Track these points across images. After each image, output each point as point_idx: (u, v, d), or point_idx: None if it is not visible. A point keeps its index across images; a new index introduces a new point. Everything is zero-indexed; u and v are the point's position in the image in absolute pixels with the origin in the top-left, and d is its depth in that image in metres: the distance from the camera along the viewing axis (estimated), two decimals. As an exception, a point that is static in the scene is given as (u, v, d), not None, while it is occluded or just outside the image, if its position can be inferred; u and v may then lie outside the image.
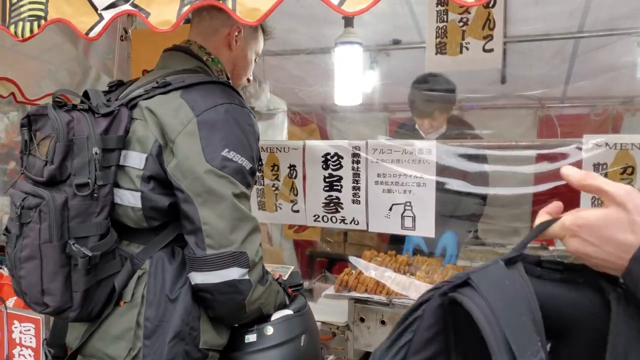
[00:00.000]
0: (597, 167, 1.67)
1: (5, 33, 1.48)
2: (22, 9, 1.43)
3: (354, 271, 2.17)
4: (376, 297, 2.01)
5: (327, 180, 2.06)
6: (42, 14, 1.41)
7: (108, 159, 1.23)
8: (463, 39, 1.80)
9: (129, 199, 1.26)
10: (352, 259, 2.17)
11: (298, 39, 3.22)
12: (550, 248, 2.55)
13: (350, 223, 2.07)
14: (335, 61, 2.08)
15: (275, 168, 2.15)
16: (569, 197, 1.81)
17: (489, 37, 1.77)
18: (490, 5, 1.75)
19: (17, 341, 2.55)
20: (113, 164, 1.25)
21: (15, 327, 2.57)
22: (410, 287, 2.01)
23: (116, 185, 1.27)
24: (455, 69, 1.91)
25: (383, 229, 2.03)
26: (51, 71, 2.23)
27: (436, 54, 1.85)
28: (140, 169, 1.25)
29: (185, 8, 1.22)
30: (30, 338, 2.53)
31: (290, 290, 1.49)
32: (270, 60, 3.41)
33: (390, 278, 2.07)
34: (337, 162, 2.03)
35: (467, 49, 1.80)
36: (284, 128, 3.49)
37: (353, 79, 2.09)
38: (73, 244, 1.19)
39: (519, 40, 2.78)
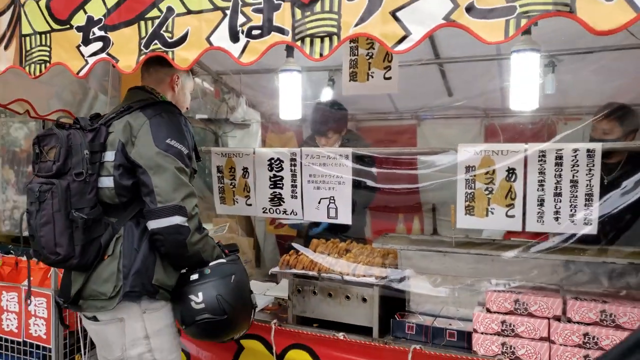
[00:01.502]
0: (468, 169, 2.15)
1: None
2: (34, 55, 1.98)
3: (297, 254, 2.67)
4: (310, 273, 2.50)
5: (271, 179, 2.58)
6: (47, 58, 1.96)
7: (94, 158, 1.85)
8: (369, 69, 2.28)
9: (106, 182, 1.88)
10: (296, 245, 2.67)
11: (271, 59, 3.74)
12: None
13: (290, 214, 2.58)
14: (279, 85, 2.58)
15: (232, 170, 2.67)
16: (450, 190, 2.29)
17: (388, 68, 2.25)
18: (389, 43, 2.24)
19: (32, 312, 3.09)
20: (97, 161, 1.86)
21: (31, 301, 3.10)
22: (336, 264, 2.50)
23: (99, 175, 1.88)
24: (364, 93, 2.41)
25: (314, 218, 2.54)
26: (57, 92, 2.79)
27: (349, 80, 2.34)
28: (112, 161, 1.87)
29: (142, 57, 1.76)
30: (43, 310, 3.07)
31: (227, 252, 2.07)
32: (246, 78, 3.93)
33: (323, 258, 2.57)
34: (279, 165, 2.55)
35: (372, 77, 2.28)
36: (258, 136, 4.02)
37: (294, 98, 2.59)
38: (74, 212, 1.80)
39: (447, 61, 3.27)
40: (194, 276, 1.89)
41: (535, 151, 2.04)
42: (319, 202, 2.48)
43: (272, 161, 2.55)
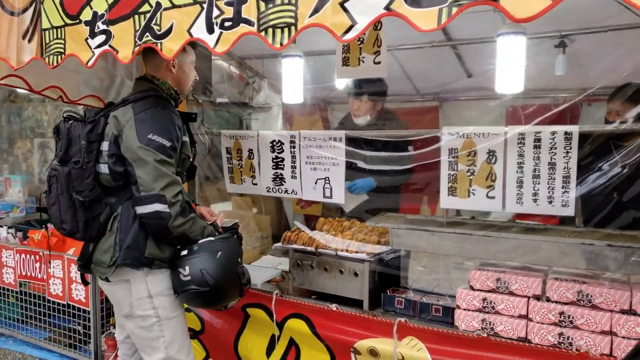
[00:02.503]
0: (451, 151, 2.20)
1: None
2: (52, 47, 2.23)
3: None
4: (308, 248, 2.65)
5: (274, 161, 2.73)
6: (62, 50, 2.21)
7: (91, 147, 2.09)
8: (360, 54, 2.36)
9: (103, 169, 2.12)
10: (297, 223, 2.83)
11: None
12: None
13: (291, 193, 2.73)
14: (282, 70, 2.72)
15: (239, 151, 2.85)
16: (434, 172, 2.34)
17: (377, 53, 2.32)
18: (378, 28, 2.31)
19: (74, 279, 3.47)
20: (94, 149, 2.09)
21: (72, 269, 3.49)
22: (332, 241, 2.64)
23: (98, 162, 2.12)
24: (356, 76, 2.49)
25: (312, 197, 2.68)
26: (86, 79, 3.09)
27: (342, 65, 2.43)
28: (107, 150, 2.10)
29: (136, 48, 1.95)
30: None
31: (221, 230, 2.25)
32: (268, 62, 4.08)
33: (322, 235, 2.71)
34: (280, 147, 2.70)
35: (363, 61, 2.35)
36: (279, 118, 4.18)
37: (296, 83, 2.73)
38: (74, 194, 2.06)
39: (457, 43, 3.25)
40: (184, 252, 2.10)
41: (514, 134, 2.06)
42: (316, 183, 2.61)
43: (274, 143, 2.71)
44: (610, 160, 2.53)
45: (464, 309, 2.20)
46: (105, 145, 2.10)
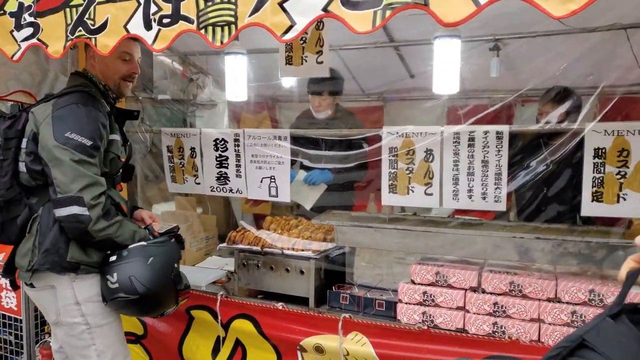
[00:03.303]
0: (391, 150, 2.27)
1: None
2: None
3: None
4: (254, 248, 2.64)
5: (217, 159, 2.70)
6: (-18, 42, 2.07)
7: (9, 144, 1.98)
8: (303, 53, 2.39)
9: (22, 167, 2.01)
10: (242, 223, 2.81)
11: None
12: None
13: (236, 192, 2.71)
14: (225, 67, 2.69)
15: (181, 150, 2.79)
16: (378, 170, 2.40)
17: (319, 52, 2.35)
18: (320, 28, 2.34)
19: (4, 286, 3.26)
20: (12, 147, 1.98)
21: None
22: (278, 240, 2.64)
23: (17, 160, 2.00)
24: (299, 75, 2.51)
25: (257, 196, 2.67)
26: (16, 74, 2.91)
27: (286, 64, 2.45)
28: (24, 148, 1.99)
29: (68, 43, 1.87)
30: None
31: (156, 233, 2.14)
32: (213, 59, 4.01)
33: (267, 234, 2.71)
34: (224, 145, 2.66)
35: (306, 60, 2.38)
36: (225, 115, 4.12)
37: (239, 80, 2.70)
38: None
39: (399, 45, 3.34)
40: (112, 257, 1.98)
41: (450, 133, 2.15)
42: (261, 181, 2.60)
43: (217, 141, 2.67)
44: (539, 157, 2.70)
45: (406, 303, 2.26)
46: (24, 143, 1.98)
